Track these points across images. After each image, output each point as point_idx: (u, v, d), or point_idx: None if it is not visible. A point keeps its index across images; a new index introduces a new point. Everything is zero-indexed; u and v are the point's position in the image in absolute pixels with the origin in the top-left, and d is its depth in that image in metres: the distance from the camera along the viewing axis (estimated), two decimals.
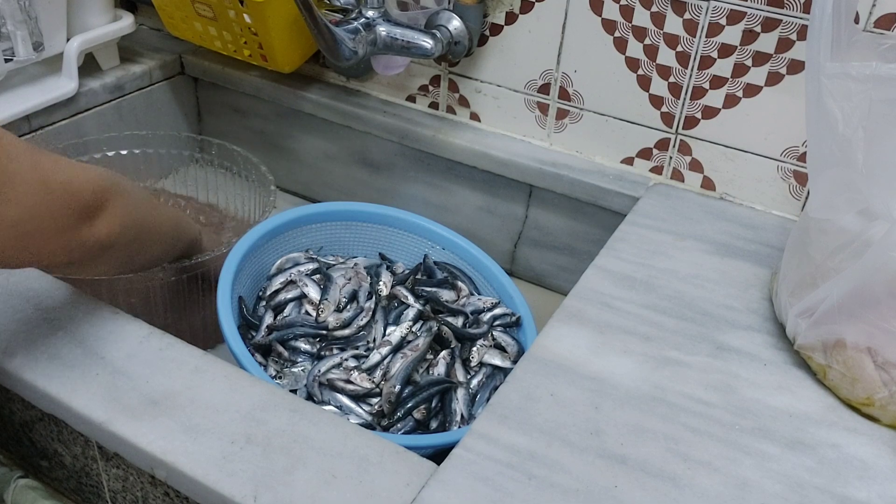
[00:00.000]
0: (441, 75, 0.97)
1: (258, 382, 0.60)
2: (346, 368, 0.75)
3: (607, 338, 0.66)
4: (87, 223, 0.56)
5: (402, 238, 0.92)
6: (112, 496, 0.65)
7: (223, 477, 0.52)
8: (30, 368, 0.60)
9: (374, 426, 0.72)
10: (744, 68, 0.79)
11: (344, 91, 1.04)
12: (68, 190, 0.54)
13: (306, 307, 0.80)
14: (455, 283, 0.87)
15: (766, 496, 0.54)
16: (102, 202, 0.57)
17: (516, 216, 0.98)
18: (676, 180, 0.89)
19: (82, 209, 0.55)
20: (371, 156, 1.05)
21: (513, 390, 0.61)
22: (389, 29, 0.88)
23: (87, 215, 0.56)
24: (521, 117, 0.95)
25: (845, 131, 0.57)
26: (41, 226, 0.52)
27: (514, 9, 0.88)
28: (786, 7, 0.75)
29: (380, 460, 0.54)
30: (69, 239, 0.55)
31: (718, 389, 0.62)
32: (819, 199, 0.62)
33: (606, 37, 0.84)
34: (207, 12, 0.93)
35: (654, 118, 0.87)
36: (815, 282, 0.62)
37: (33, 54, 0.89)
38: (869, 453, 0.58)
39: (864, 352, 0.60)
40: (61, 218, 0.54)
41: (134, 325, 0.64)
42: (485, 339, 0.81)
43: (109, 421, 0.56)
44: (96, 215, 0.57)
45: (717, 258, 0.77)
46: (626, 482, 0.54)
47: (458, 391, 0.75)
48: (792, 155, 0.82)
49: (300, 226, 0.87)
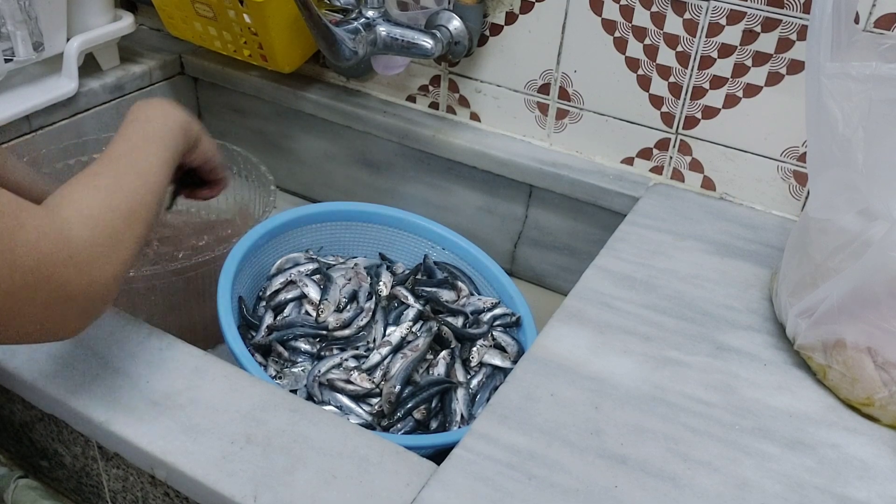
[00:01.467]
0: (441, 75, 0.97)
1: (258, 382, 0.60)
2: (346, 368, 0.75)
3: (607, 338, 0.66)
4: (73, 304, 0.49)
5: (402, 238, 0.92)
6: (112, 496, 0.65)
7: (223, 477, 0.52)
8: (30, 368, 0.60)
9: (374, 426, 0.72)
10: (744, 68, 0.79)
11: (344, 91, 1.04)
12: (44, 274, 0.46)
13: (306, 307, 0.80)
14: (455, 283, 0.87)
15: (766, 496, 0.54)
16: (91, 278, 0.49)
17: (516, 216, 0.98)
18: (676, 180, 0.89)
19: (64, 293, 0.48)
20: (371, 156, 1.05)
21: (513, 390, 0.61)
22: (389, 29, 0.88)
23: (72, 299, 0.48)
24: (521, 117, 0.95)
25: (845, 131, 0.57)
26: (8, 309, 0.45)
27: (514, 9, 0.88)
28: (786, 7, 0.75)
29: (380, 460, 0.54)
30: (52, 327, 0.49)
31: (718, 389, 0.62)
32: (819, 199, 0.62)
33: (606, 37, 0.84)
34: (207, 12, 0.93)
35: (654, 118, 0.87)
36: (815, 282, 0.62)
37: (33, 54, 0.89)
38: (869, 453, 0.58)
39: (864, 352, 0.60)
40: (37, 304, 0.46)
41: (134, 325, 0.64)
42: (485, 339, 0.81)
43: (109, 421, 0.56)
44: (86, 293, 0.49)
45: (717, 258, 0.77)
46: (626, 482, 0.54)
47: (458, 391, 0.75)
48: (792, 155, 0.82)
49: (300, 226, 0.87)
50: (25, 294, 0.45)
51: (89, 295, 0.50)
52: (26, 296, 0.45)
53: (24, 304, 0.46)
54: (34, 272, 0.45)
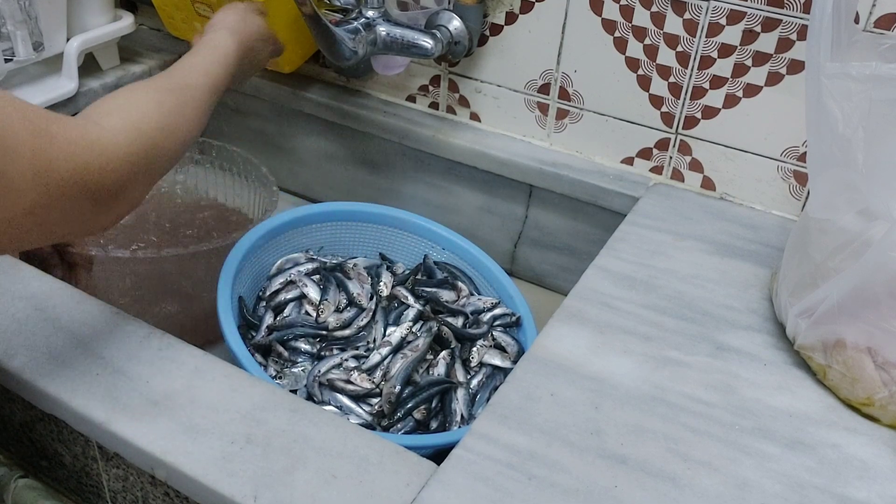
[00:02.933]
0: (441, 75, 0.97)
1: (258, 382, 0.60)
2: (347, 369, 0.75)
3: (607, 338, 0.66)
4: (104, 208, 0.49)
5: (402, 238, 0.92)
6: (112, 496, 0.65)
7: (223, 477, 0.52)
8: (30, 368, 0.60)
9: (374, 426, 0.72)
10: (744, 68, 0.79)
11: (344, 91, 1.04)
12: (82, 178, 0.46)
13: (306, 307, 0.80)
14: (455, 283, 0.87)
15: (766, 496, 0.54)
16: (124, 185, 0.50)
17: (516, 216, 0.98)
18: (676, 180, 0.89)
19: (95, 198, 0.48)
20: (371, 156, 1.05)
21: (513, 390, 0.61)
22: (389, 29, 0.88)
23: (102, 202, 0.49)
24: (521, 117, 0.95)
25: (845, 131, 0.57)
26: (41, 219, 0.46)
27: (514, 9, 0.88)
28: (786, 7, 0.75)
29: (380, 460, 0.54)
30: (80, 228, 0.50)
31: (718, 389, 0.62)
32: (819, 199, 0.62)
33: (606, 37, 0.84)
34: (207, 12, 0.93)
35: (654, 118, 0.87)
36: (815, 282, 0.62)
37: (33, 54, 0.89)
38: (869, 453, 0.58)
39: (864, 352, 0.60)
40: (67, 211, 0.47)
41: (134, 325, 0.64)
42: (485, 339, 0.81)
43: (109, 421, 0.56)
44: (116, 198, 0.50)
45: (717, 258, 0.77)
46: (626, 482, 0.54)
47: (458, 391, 0.75)
48: (792, 155, 0.82)
49: (300, 226, 0.87)
50: (59, 203, 0.46)
51: (121, 201, 0.50)
52: (60, 205, 0.46)
53: (56, 211, 0.46)
54: (69, 183, 0.46)
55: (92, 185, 0.47)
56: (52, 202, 0.45)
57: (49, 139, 0.45)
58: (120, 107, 0.53)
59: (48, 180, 0.45)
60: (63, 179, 0.45)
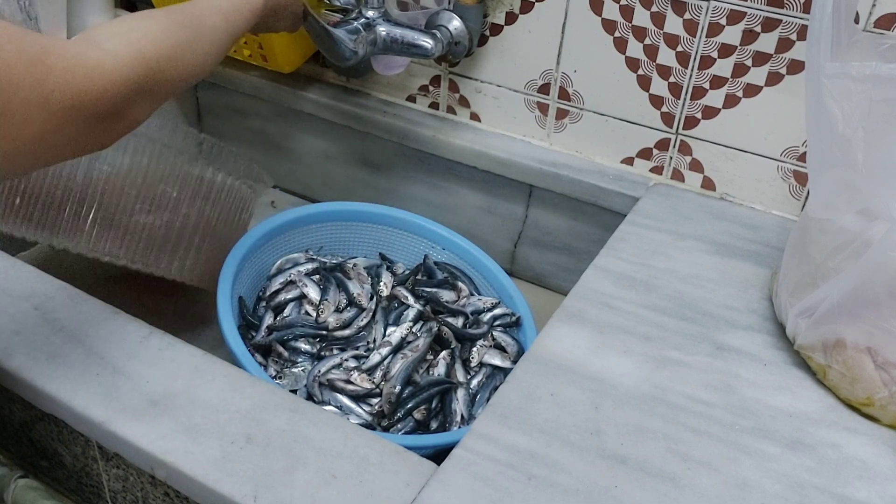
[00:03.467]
0: (441, 75, 0.97)
1: (258, 382, 0.60)
2: (347, 369, 0.75)
3: (607, 338, 0.66)
4: (107, 127, 0.50)
5: (402, 238, 0.92)
6: (112, 496, 0.65)
7: (223, 477, 0.52)
8: (30, 368, 0.60)
9: (374, 426, 0.72)
10: (744, 68, 0.79)
11: (344, 91, 1.04)
12: (81, 104, 0.47)
13: (306, 307, 0.80)
14: (455, 283, 0.87)
15: (766, 496, 0.54)
16: (123, 108, 0.50)
17: (516, 216, 0.98)
18: (676, 180, 0.89)
19: (96, 121, 0.49)
20: (371, 156, 1.05)
21: (513, 390, 0.61)
22: (389, 29, 0.88)
23: (104, 124, 0.49)
24: (521, 117, 0.95)
25: (845, 131, 0.57)
26: (48, 144, 0.47)
27: (514, 9, 0.88)
28: (786, 7, 0.75)
29: (380, 460, 0.54)
30: (85, 145, 0.50)
31: (718, 389, 0.62)
32: (819, 199, 0.62)
33: (606, 37, 0.84)
34: None
35: (654, 118, 0.87)
36: (815, 282, 0.62)
37: None
38: (869, 453, 0.58)
39: (864, 352, 0.60)
40: (72, 135, 0.47)
41: (134, 325, 0.64)
42: (485, 339, 0.81)
43: (109, 421, 0.56)
44: (118, 119, 0.50)
45: (717, 258, 0.77)
46: (626, 482, 0.54)
47: (458, 391, 0.75)
48: (792, 155, 0.82)
49: (300, 226, 0.87)
50: (63, 129, 0.47)
51: (123, 122, 0.51)
52: (63, 130, 0.47)
53: (61, 136, 0.47)
54: (69, 110, 0.46)
55: (92, 108, 0.48)
56: (55, 128, 0.46)
57: (46, 70, 0.45)
58: (128, 30, 0.52)
59: (48, 109, 0.45)
60: (63, 107, 0.46)
